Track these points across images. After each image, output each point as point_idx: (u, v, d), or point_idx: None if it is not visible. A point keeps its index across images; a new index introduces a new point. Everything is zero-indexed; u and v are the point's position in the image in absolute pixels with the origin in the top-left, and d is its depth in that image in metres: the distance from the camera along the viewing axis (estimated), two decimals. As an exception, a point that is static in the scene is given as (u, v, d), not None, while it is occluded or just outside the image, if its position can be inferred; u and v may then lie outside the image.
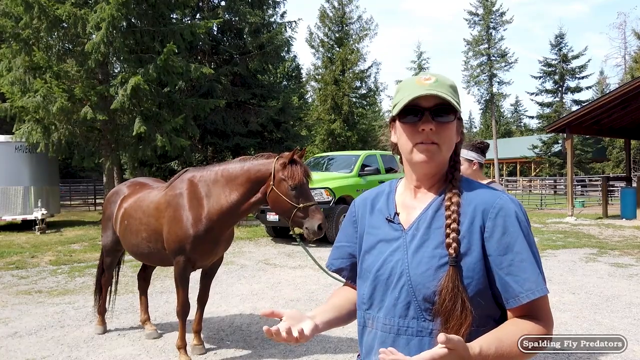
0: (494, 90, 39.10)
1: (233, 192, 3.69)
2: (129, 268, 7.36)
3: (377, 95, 35.23)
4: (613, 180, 21.97)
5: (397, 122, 1.23)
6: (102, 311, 4.70)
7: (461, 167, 3.30)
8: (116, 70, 15.19)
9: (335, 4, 32.93)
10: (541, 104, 40.51)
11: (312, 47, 33.48)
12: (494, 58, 38.08)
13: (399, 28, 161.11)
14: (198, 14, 18.94)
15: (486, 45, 38.10)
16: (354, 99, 32.19)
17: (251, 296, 6.09)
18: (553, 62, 39.17)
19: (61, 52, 13.60)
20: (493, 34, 38.04)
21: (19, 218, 13.19)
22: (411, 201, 1.28)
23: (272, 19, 20.73)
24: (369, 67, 33.55)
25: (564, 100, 39.51)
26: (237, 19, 18.63)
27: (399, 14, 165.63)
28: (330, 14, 32.96)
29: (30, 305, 5.71)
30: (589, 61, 40.34)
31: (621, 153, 33.76)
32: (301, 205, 3.53)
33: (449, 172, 1.25)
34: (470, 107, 77.89)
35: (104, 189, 15.66)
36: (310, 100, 36.27)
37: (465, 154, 3.22)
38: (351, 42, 32.43)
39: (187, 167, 4.73)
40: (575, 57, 38.50)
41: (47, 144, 12.97)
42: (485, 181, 3.18)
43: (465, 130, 1.36)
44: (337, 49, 32.22)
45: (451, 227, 1.15)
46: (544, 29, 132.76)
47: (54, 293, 6.37)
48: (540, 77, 40.02)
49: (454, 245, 1.13)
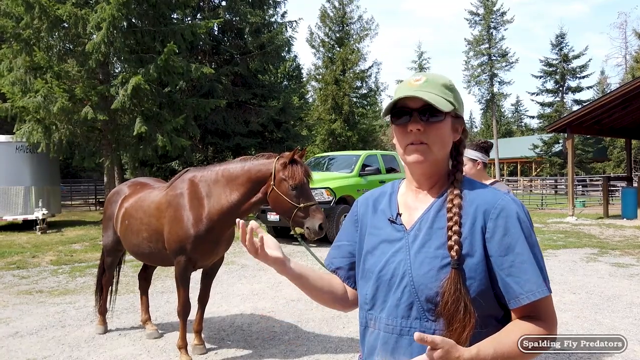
0: (495, 90, 39.09)
1: (234, 192, 3.69)
2: (130, 268, 7.37)
3: (377, 95, 35.26)
4: (614, 180, 21.97)
5: (392, 124, 1.25)
6: (103, 311, 4.70)
7: (465, 166, 3.30)
8: (117, 70, 15.20)
9: (336, 3, 32.95)
10: (542, 104, 40.49)
11: (313, 47, 33.52)
12: (494, 58, 38.07)
13: (399, 28, 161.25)
14: (199, 14, 18.96)
15: (487, 45, 38.10)
16: (354, 99, 32.21)
17: (252, 296, 6.09)
18: (554, 61, 39.14)
19: (62, 52, 13.62)
20: (494, 34, 38.04)
21: (20, 218, 13.20)
22: (413, 201, 1.28)
23: (273, 19, 20.76)
24: (370, 67, 33.62)
25: (564, 100, 39.48)
26: (237, 19, 18.66)
27: (400, 14, 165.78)
28: (331, 14, 32.97)
29: (31, 305, 5.71)
30: (589, 61, 40.40)
31: (622, 153, 33.76)
32: (302, 205, 3.52)
33: (451, 173, 1.25)
34: (471, 107, 77.84)
35: (105, 189, 15.67)
36: (310, 100, 36.27)
37: (469, 153, 3.20)
38: (352, 42, 32.43)
39: (188, 167, 4.73)
40: (576, 56, 38.47)
41: (47, 144, 12.98)
42: (489, 181, 3.16)
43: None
44: (338, 49, 32.24)
45: (453, 229, 1.15)
46: (544, 28, 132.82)
47: (55, 293, 6.37)
48: (541, 77, 39.99)
49: (456, 247, 1.13)
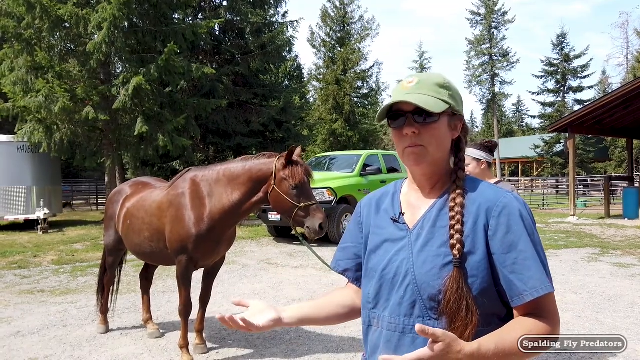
0: (496, 90, 39.07)
1: (235, 191, 3.69)
2: (131, 267, 7.38)
3: (378, 95, 35.22)
4: (615, 180, 21.94)
5: (390, 127, 1.25)
6: (104, 310, 4.71)
7: (470, 166, 3.29)
8: (118, 70, 15.21)
9: (337, 3, 32.94)
10: (543, 104, 40.46)
11: (314, 47, 33.51)
12: (495, 58, 38.06)
13: (400, 28, 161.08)
14: (200, 14, 18.96)
15: (488, 45, 38.09)
16: (355, 99, 32.22)
17: (253, 296, 6.09)
18: (555, 61, 39.12)
19: (63, 52, 13.63)
20: (495, 34, 38.02)
21: (22, 218, 13.23)
22: (416, 201, 1.28)
23: (274, 19, 20.76)
24: (371, 67, 33.60)
25: (566, 100, 39.46)
26: (238, 18, 18.65)
27: (400, 14, 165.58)
28: (332, 14, 32.97)
29: (33, 305, 5.72)
30: (591, 61, 40.32)
31: (623, 153, 33.70)
32: (302, 204, 3.52)
33: (453, 172, 1.25)
34: (472, 107, 77.80)
35: (106, 189, 15.68)
36: (311, 100, 36.27)
37: (473, 153, 3.20)
38: (353, 42, 32.43)
39: (189, 166, 4.73)
40: (577, 56, 38.45)
41: (49, 143, 13.00)
42: (493, 180, 3.16)
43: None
44: (339, 49, 32.23)
45: (455, 228, 1.15)
46: (544, 28, 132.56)
47: (57, 292, 6.38)
48: (542, 77, 39.98)
49: (458, 246, 1.13)
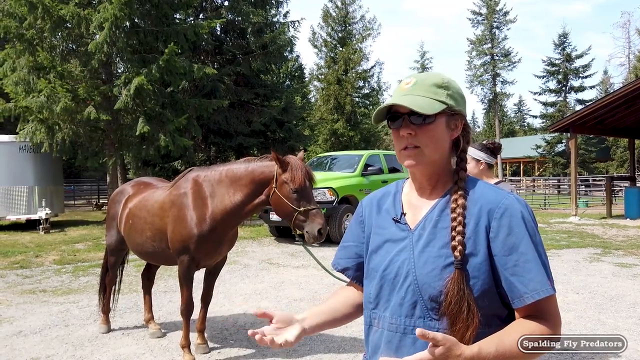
0: (498, 89, 39.01)
1: (237, 192, 3.68)
2: (133, 267, 7.39)
3: (380, 95, 35.24)
4: (617, 180, 21.91)
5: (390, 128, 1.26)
6: (106, 310, 4.72)
7: (469, 165, 3.26)
8: (119, 71, 15.24)
9: (339, 3, 32.92)
10: (545, 104, 40.41)
11: (315, 46, 33.51)
12: (497, 57, 38.01)
13: (401, 28, 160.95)
14: (201, 14, 18.98)
15: (489, 45, 38.04)
16: (356, 99, 32.19)
17: (254, 295, 6.10)
18: (556, 61, 39.06)
19: (65, 52, 13.66)
20: (496, 34, 37.98)
21: (23, 218, 13.25)
22: (417, 201, 1.28)
23: (275, 19, 20.78)
24: (372, 67, 33.61)
25: (567, 100, 39.39)
26: (240, 18, 18.67)
27: (402, 13, 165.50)
28: (334, 14, 32.96)
29: (35, 305, 5.73)
30: (592, 60, 40.24)
31: (625, 153, 33.66)
32: (302, 208, 3.50)
33: (455, 172, 1.25)
34: (473, 107, 77.78)
35: (108, 189, 15.71)
36: (313, 100, 36.28)
37: (474, 153, 3.18)
38: (354, 41, 32.41)
39: (190, 166, 4.73)
40: (579, 56, 38.39)
41: (51, 143, 13.01)
42: (493, 181, 3.15)
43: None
44: (340, 49, 32.22)
45: (456, 229, 1.15)
46: (545, 28, 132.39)
47: (58, 292, 6.39)
48: (543, 77, 39.91)
49: (459, 247, 1.13)
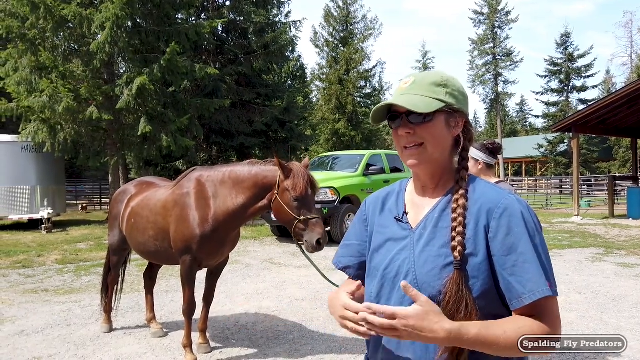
0: (499, 89, 38.99)
1: (239, 195, 3.67)
2: (135, 267, 7.39)
3: (381, 94, 35.19)
4: (619, 180, 21.85)
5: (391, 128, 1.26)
6: (108, 310, 4.72)
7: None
8: (121, 70, 15.25)
9: (340, 3, 32.93)
10: (547, 103, 40.39)
11: (317, 46, 33.51)
12: (499, 57, 37.97)
13: (403, 27, 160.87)
14: (203, 14, 18.99)
15: (491, 45, 38.01)
16: (358, 99, 32.18)
17: (256, 295, 6.10)
18: (559, 61, 39.03)
19: (67, 52, 13.68)
20: (498, 33, 37.95)
21: (26, 217, 13.27)
22: (419, 200, 1.28)
23: (277, 19, 20.80)
24: (374, 67, 33.61)
25: (569, 100, 39.35)
26: (241, 18, 18.69)
27: (403, 13, 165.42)
28: (335, 14, 32.96)
29: (37, 304, 5.74)
30: (595, 60, 40.26)
31: (627, 152, 33.60)
32: (302, 217, 3.47)
33: (456, 171, 1.24)
34: (475, 107, 77.64)
35: (110, 189, 15.73)
36: (314, 99, 36.29)
37: (472, 152, 3.17)
38: (356, 41, 32.40)
39: (192, 166, 4.73)
40: (581, 56, 38.35)
41: (53, 143, 13.04)
42: (493, 181, 3.14)
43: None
44: (342, 49, 32.22)
45: (457, 230, 1.14)
46: (546, 28, 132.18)
47: (60, 292, 6.40)
48: (545, 76, 39.89)
49: (459, 248, 1.13)
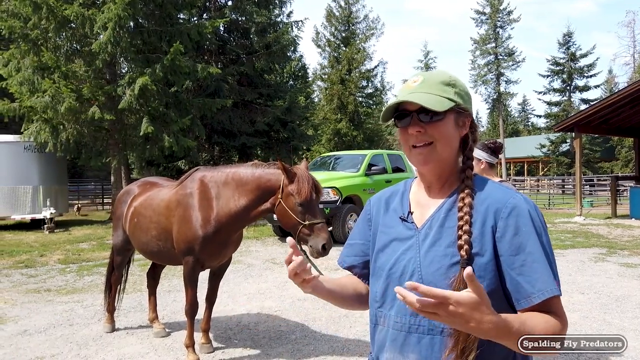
0: (501, 89, 38.93)
1: (242, 197, 3.64)
2: (137, 267, 7.40)
3: (383, 94, 35.16)
4: (622, 180, 21.76)
5: (396, 127, 1.24)
6: (111, 309, 4.72)
7: None
8: (124, 70, 15.28)
9: (342, 3, 32.89)
10: (549, 103, 40.30)
11: (319, 46, 33.48)
12: (501, 57, 37.91)
13: (404, 27, 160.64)
14: (205, 14, 19.01)
15: (493, 44, 37.95)
16: (360, 99, 32.15)
17: (258, 295, 6.10)
18: (561, 60, 38.95)
19: (69, 52, 13.70)
20: (500, 33, 37.89)
21: (28, 217, 13.30)
22: (425, 200, 1.28)
23: (279, 19, 20.79)
24: (376, 67, 33.54)
25: (572, 99, 39.28)
26: (243, 18, 18.69)
27: (405, 13, 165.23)
28: (337, 14, 32.93)
29: (40, 304, 5.75)
30: (597, 60, 40.11)
31: (630, 152, 33.50)
32: (307, 222, 3.42)
33: (461, 170, 1.24)
34: (477, 107, 77.55)
35: (112, 189, 15.76)
36: (316, 99, 36.26)
37: (474, 152, 3.17)
38: (358, 41, 32.37)
39: (194, 166, 4.72)
40: (584, 55, 38.25)
41: (55, 143, 13.07)
42: (495, 180, 3.13)
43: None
44: (344, 48, 32.18)
45: (463, 228, 1.14)
46: (548, 27, 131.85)
47: (63, 292, 6.41)
48: (548, 76, 39.80)
49: (466, 247, 1.12)
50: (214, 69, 14.39)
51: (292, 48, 21.63)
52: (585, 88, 38.86)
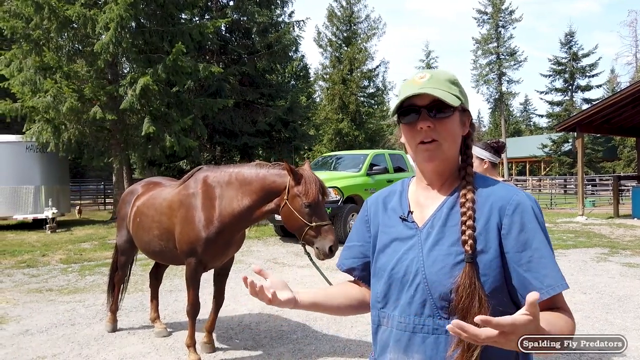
0: (503, 89, 38.88)
1: (245, 197, 3.61)
2: (139, 266, 7.40)
3: (385, 94, 35.13)
4: (624, 180, 21.71)
5: (400, 124, 1.24)
6: (114, 309, 4.72)
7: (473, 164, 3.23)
8: (125, 71, 15.30)
9: (344, 3, 32.86)
10: (551, 103, 40.22)
11: (320, 46, 33.46)
12: (503, 57, 37.87)
13: (406, 27, 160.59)
14: (206, 14, 19.02)
15: (495, 44, 37.90)
16: (361, 98, 32.13)
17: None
18: (563, 60, 38.88)
19: (71, 52, 13.73)
20: (502, 33, 37.83)
21: (30, 217, 13.33)
22: (425, 199, 1.27)
23: (280, 19, 20.79)
24: (377, 66, 33.50)
25: (574, 99, 39.21)
26: (245, 18, 18.70)
27: (406, 13, 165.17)
28: (338, 13, 32.91)
29: (41, 304, 5.76)
30: (599, 59, 40.00)
31: (632, 152, 33.46)
32: (314, 224, 3.40)
33: (461, 168, 1.24)
34: (479, 106, 77.47)
35: (114, 189, 15.78)
36: (318, 99, 36.26)
37: (477, 152, 3.17)
38: (359, 41, 32.35)
39: (196, 166, 4.72)
40: (586, 55, 38.18)
41: (57, 143, 13.09)
42: (499, 180, 3.13)
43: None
44: (345, 48, 32.16)
45: (467, 224, 1.14)
46: (551, 27, 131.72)
47: (65, 291, 6.42)
48: (550, 76, 39.73)
49: (470, 242, 1.12)
50: (216, 69, 14.40)
51: (294, 48, 21.66)
52: (588, 88, 38.79)
